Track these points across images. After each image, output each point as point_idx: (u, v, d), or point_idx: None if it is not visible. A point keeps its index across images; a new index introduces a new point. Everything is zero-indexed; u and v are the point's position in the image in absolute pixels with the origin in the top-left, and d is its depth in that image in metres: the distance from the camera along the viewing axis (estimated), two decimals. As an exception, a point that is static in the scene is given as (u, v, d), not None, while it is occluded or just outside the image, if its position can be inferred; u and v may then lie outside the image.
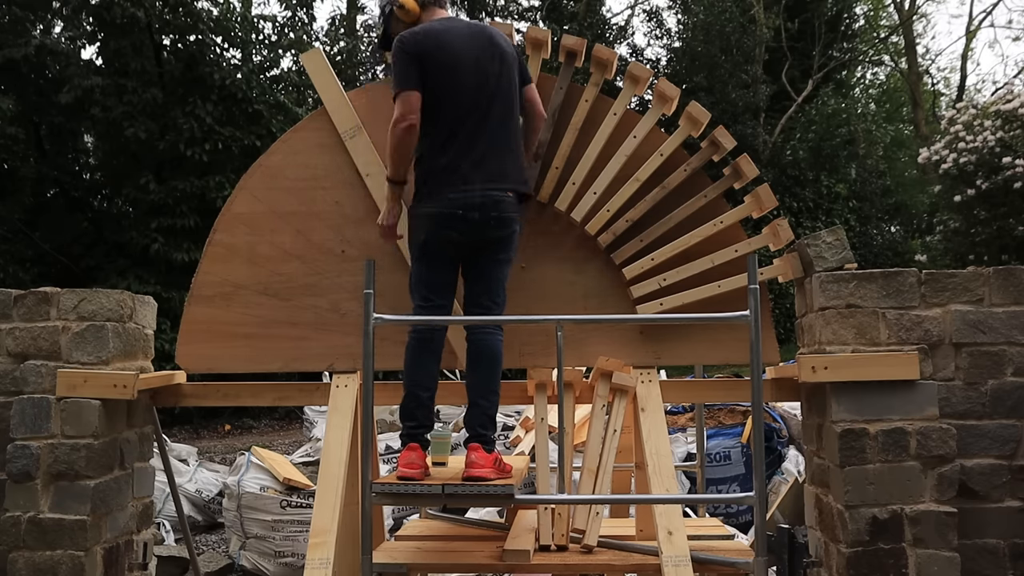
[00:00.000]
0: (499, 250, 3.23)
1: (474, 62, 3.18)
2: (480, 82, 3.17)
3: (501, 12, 21.76)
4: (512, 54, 3.31)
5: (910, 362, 3.15)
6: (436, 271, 3.20)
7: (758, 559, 2.73)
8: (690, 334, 3.64)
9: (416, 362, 3.17)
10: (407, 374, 3.18)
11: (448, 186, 3.11)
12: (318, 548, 3.04)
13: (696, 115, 3.66)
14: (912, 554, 3.05)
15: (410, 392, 3.16)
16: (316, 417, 10.55)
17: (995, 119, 9.99)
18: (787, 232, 3.59)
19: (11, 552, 3.30)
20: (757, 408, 2.73)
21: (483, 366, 3.18)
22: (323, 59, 3.79)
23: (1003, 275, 3.29)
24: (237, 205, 3.75)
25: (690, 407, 7.31)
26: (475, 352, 3.19)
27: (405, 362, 3.19)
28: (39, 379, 3.46)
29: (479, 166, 3.13)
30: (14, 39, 13.35)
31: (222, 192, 13.17)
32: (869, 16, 24.79)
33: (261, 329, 3.69)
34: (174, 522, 6.35)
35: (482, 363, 3.18)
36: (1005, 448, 3.22)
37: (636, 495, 4.12)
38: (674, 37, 22.68)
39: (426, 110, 3.15)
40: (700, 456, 4.69)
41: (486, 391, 3.16)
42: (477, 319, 3.24)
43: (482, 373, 3.18)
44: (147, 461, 3.81)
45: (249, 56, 15.04)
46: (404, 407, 3.16)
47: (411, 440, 3.08)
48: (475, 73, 3.17)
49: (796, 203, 18.57)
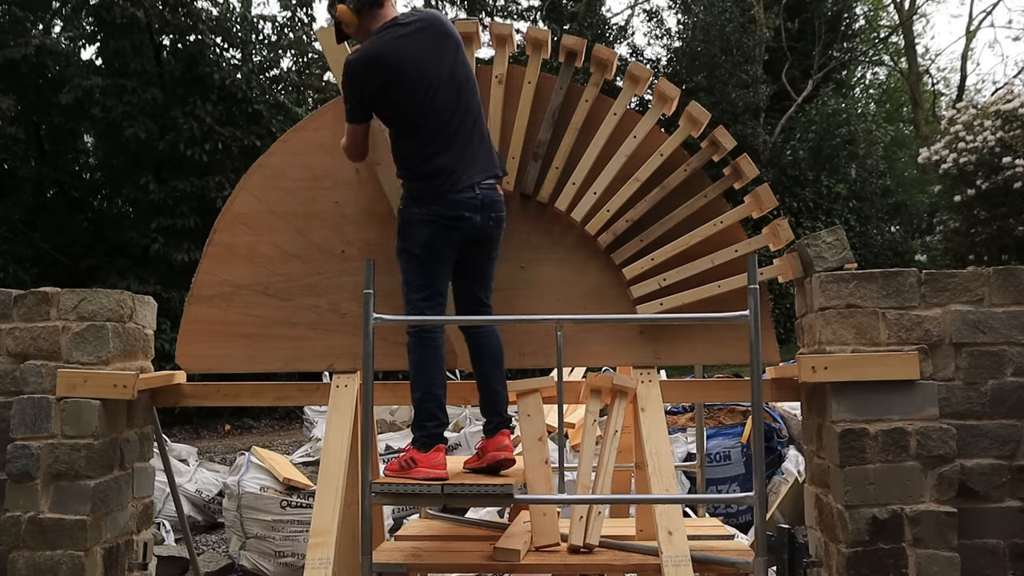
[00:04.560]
0: (493, 248, 3.34)
1: (434, 62, 3.16)
2: (446, 80, 3.17)
3: (501, 12, 21.76)
4: (457, 35, 3.29)
5: (910, 362, 3.15)
6: (439, 269, 3.23)
7: (758, 559, 2.73)
8: (690, 334, 3.64)
9: (429, 360, 3.16)
10: (421, 374, 3.16)
11: (449, 190, 3.14)
12: (318, 548, 3.04)
13: (696, 115, 3.66)
14: (912, 554, 3.05)
15: (426, 392, 3.14)
16: (316, 417, 10.55)
17: (995, 119, 9.99)
18: (787, 232, 3.59)
19: (11, 552, 3.31)
20: (757, 408, 2.73)
21: (494, 358, 3.30)
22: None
23: (1003, 275, 3.29)
24: (237, 205, 3.75)
25: (690, 407, 7.31)
26: (483, 348, 3.29)
27: (417, 362, 3.17)
28: (39, 379, 3.46)
29: (469, 164, 3.19)
30: (14, 39, 13.35)
31: (222, 192, 13.18)
32: (869, 16, 24.79)
33: (261, 329, 3.69)
34: (174, 522, 6.35)
35: (491, 357, 3.29)
36: (1005, 448, 3.22)
37: (636, 495, 4.12)
38: (674, 37, 22.69)
39: (401, 123, 3.20)
40: (700, 456, 4.69)
41: (502, 379, 3.31)
42: (478, 319, 3.30)
43: (495, 366, 3.30)
44: (147, 461, 3.81)
45: (249, 56, 15.05)
46: (421, 408, 3.14)
47: (437, 441, 3.10)
48: (437, 74, 3.15)
49: (796, 203, 18.57)
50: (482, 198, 3.17)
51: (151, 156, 13.87)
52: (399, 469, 3.06)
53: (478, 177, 3.19)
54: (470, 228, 3.19)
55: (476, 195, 3.16)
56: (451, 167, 3.15)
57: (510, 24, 4.52)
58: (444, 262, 3.23)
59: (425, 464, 3.02)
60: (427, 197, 3.16)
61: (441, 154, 3.16)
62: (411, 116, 3.16)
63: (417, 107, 3.14)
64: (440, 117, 3.16)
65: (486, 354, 3.29)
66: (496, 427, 3.22)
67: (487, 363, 3.29)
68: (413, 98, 3.12)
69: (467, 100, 3.23)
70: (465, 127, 3.20)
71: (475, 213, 3.17)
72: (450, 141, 3.17)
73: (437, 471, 3.00)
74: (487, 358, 3.29)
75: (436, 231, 3.16)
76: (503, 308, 3.55)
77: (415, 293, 3.21)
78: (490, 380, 3.29)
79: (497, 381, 3.29)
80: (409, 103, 3.13)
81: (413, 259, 3.22)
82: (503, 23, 3.99)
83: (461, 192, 3.14)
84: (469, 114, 3.22)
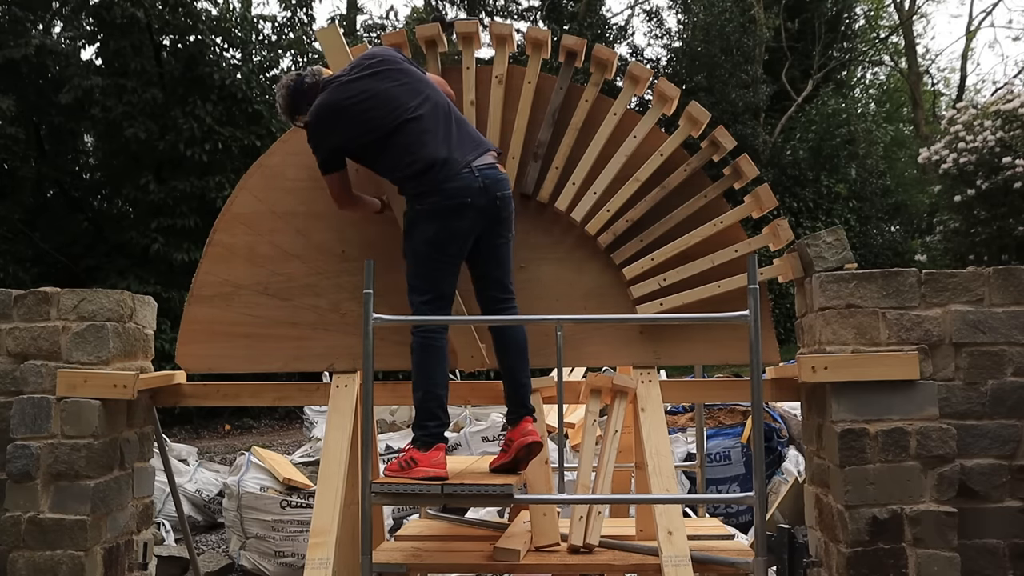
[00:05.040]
0: (505, 228, 3.28)
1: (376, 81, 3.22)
2: (411, 89, 3.21)
3: (501, 12, 21.74)
4: (395, 54, 3.37)
5: (910, 362, 3.15)
6: (443, 269, 3.20)
7: (758, 559, 2.73)
8: (690, 334, 3.64)
9: (431, 361, 3.15)
10: (423, 374, 3.15)
11: (444, 178, 3.11)
12: (318, 548, 3.04)
13: (696, 115, 3.66)
14: (912, 554, 3.05)
15: (428, 392, 3.13)
16: (316, 417, 10.55)
17: (995, 119, 9.99)
18: (787, 232, 3.59)
19: (11, 552, 3.31)
20: (757, 408, 2.74)
21: (520, 350, 3.29)
22: (339, 36, 3.74)
23: (1003, 275, 3.29)
24: (237, 205, 3.75)
25: (690, 407, 7.31)
26: (508, 339, 3.29)
27: (420, 363, 3.16)
28: (39, 379, 3.46)
29: (457, 146, 3.16)
30: (14, 39, 13.35)
31: (222, 192, 13.17)
32: (869, 16, 24.80)
33: (261, 329, 3.69)
34: (174, 522, 6.35)
35: (516, 348, 3.29)
36: (1005, 448, 3.22)
37: (636, 495, 4.12)
38: (674, 37, 22.68)
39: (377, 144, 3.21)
40: (700, 456, 4.69)
41: (527, 370, 3.31)
42: (478, 319, 3.31)
43: (521, 358, 3.30)
44: (147, 461, 3.81)
45: (249, 56, 15.05)
46: (424, 408, 3.13)
47: (437, 440, 3.09)
48: (398, 94, 3.20)
49: (796, 203, 18.57)
50: (483, 179, 3.13)
51: (151, 156, 13.86)
52: (399, 469, 3.06)
53: (471, 156, 3.15)
54: (477, 215, 3.14)
55: (476, 177, 3.12)
56: (440, 156, 3.12)
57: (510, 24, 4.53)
58: (451, 260, 3.19)
59: (425, 463, 3.02)
60: (426, 191, 3.13)
61: (426, 146, 3.13)
62: (381, 140, 3.19)
63: (383, 129, 3.17)
64: (411, 119, 3.16)
65: (512, 346, 3.28)
66: (519, 416, 3.21)
67: (513, 356, 3.29)
68: (373, 125, 3.18)
69: (426, 96, 3.23)
70: (437, 116, 3.20)
71: (479, 197, 3.12)
72: (430, 133, 3.15)
73: (436, 470, 3.00)
74: (513, 350, 3.28)
75: (441, 225, 3.12)
76: (503, 308, 3.55)
77: (418, 296, 3.19)
78: (517, 373, 3.28)
79: (524, 374, 3.29)
80: (373, 128, 3.18)
81: (419, 258, 3.20)
82: (503, 23, 3.99)
83: (459, 177, 3.10)
84: (431, 104, 3.22)
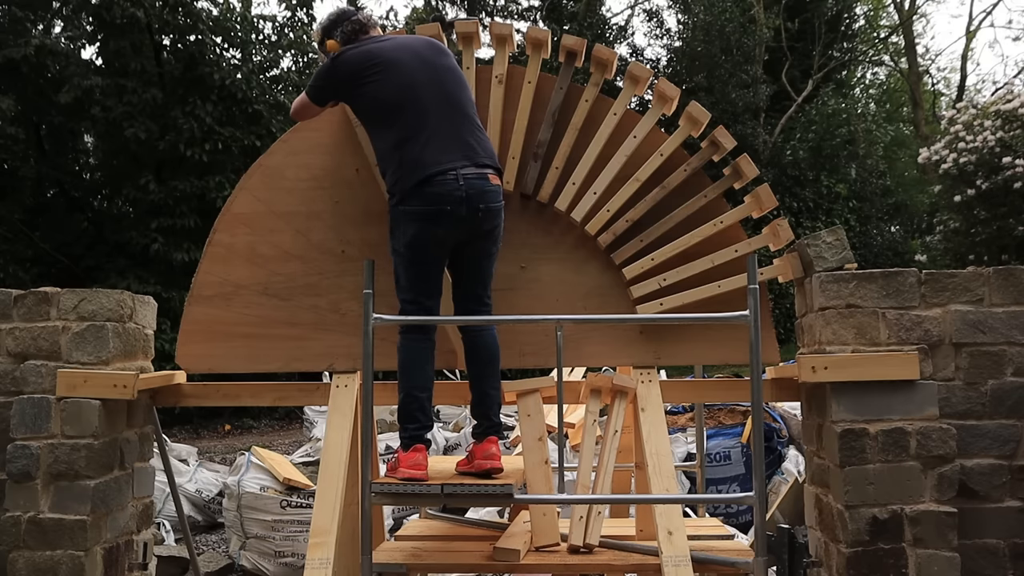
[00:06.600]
0: (489, 243, 3.23)
1: (413, 57, 3.21)
2: (429, 76, 3.19)
3: (501, 12, 21.74)
4: (437, 43, 3.38)
5: (910, 362, 3.15)
6: (424, 272, 3.16)
7: (758, 559, 2.73)
8: (690, 334, 3.64)
9: (412, 363, 3.15)
10: (403, 376, 3.15)
11: (425, 181, 3.04)
12: (318, 548, 3.04)
13: (696, 115, 3.66)
14: (912, 554, 3.05)
15: (408, 394, 3.13)
16: (316, 417, 10.56)
17: (995, 119, 9.99)
18: (787, 232, 3.59)
19: (11, 552, 3.30)
20: (757, 408, 2.74)
21: (488, 359, 3.25)
22: None
23: (1003, 275, 3.29)
24: (237, 205, 3.75)
25: (690, 407, 7.31)
26: (479, 347, 3.25)
27: (402, 363, 3.16)
28: (39, 379, 3.46)
29: (446, 150, 3.09)
30: (14, 39, 13.34)
31: (222, 192, 13.18)
32: (869, 16, 24.80)
33: (261, 329, 3.69)
34: (174, 522, 6.35)
35: (487, 356, 3.25)
36: (1005, 448, 3.22)
37: (636, 495, 4.12)
38: (674, 37, 22.67)
39: (383, 114, 3.19)
40: (700, 456, 4.69)
41: (496, 381, 3.25)
42: (477, 319, 3.26)
43: (490, 366, 3.25)
44: (147, 461, 3.81)
45: (249, 56, 15.05)
46: (403, 410, 3.13)
47: (415, 442, 3.08)
48: (419, 69, 3.19)
49: (796, 203, 18.57)
50: (467, 188, 3.04)
51: (151, 156, 13.87)
52: (391, 470, 3.08)
53: (459, 164, 3.07)
54: (455, 223, 3.07)
55: (460, 185, 3.04)
56: (424, 158, 3.06)
57: (510, 24, 4.52)
58: (430, 263, 3.15)
59: (405, 464, 3.02)
60: (406, 193, 3.09)
61: (413, 141, 3.08)
62: (383, 106, 3.17)
63: (391, 95, 3.14)
64: (416, 104, 3.13)
65: (481, 354, 3.24)
66: (484, 432, 3.18)
67: (481, 363, 3.25)
68: (383, 86, 3.15)
69: (449, 92, 3.20)
70: (444, 115, 3.14)
71: (459, 206, 3.04)
72: (425, 130, 3.10)
73: (414, 471, 2.98)
74: (482, 358, 3.24)
75: (419, 229, 3.08)
76: (503, 308, 3.55)
77: (401, 294, 3.20)
78: (483, 381, 3.24)
79: (490, 383, 3.24)
80: (381, 90, 3.16)
81: (400, 259, 3.18)
82: (503, 23, 3.99)
83: (440, 183, 3.03)
84: (450, 103, 3.18)
